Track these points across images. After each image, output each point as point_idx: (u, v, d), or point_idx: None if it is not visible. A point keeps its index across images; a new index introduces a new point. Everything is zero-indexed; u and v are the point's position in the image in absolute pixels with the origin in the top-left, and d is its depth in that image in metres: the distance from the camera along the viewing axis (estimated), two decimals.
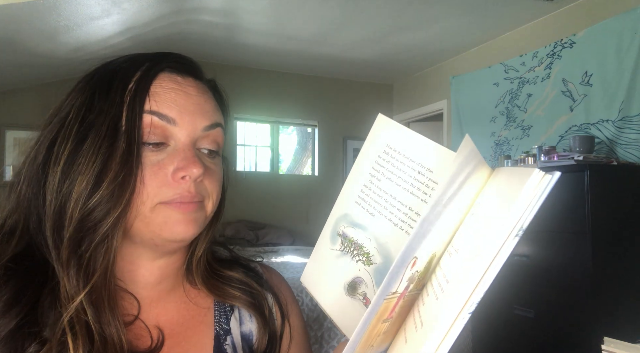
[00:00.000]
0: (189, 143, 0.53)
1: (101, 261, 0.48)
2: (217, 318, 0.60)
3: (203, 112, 0.54)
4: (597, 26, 3.07)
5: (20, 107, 3.91)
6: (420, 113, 4.99)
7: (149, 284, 0.56)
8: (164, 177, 0.50)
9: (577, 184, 2.35)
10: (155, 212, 0.50)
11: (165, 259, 0.57)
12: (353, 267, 0.49)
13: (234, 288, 0.61)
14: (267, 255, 3.55)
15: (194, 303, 0.60)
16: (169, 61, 0.55)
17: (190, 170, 0.50)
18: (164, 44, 3.93)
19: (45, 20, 2.84)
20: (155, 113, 0.51)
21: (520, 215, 0.32)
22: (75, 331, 0.45)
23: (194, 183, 0.52)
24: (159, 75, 0.53)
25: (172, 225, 0.51)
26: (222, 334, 0.59)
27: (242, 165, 4.94)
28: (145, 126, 0.50)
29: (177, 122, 0.52)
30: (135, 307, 0.55)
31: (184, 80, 0.55)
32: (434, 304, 0.36)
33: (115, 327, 0.48)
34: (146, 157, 0.50)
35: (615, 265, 2.33)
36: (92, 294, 0.47)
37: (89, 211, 0.47)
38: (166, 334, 0.55)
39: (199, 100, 0.55)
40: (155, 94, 0.52)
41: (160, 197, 0.50)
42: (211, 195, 0.55)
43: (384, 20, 3.58)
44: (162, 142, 0.51)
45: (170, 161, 0.51)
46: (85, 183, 0.48)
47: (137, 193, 0.49)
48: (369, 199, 0.48)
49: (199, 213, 0.53)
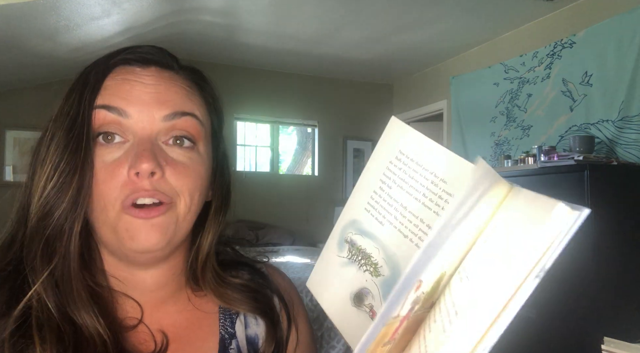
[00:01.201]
0: (145, 136, 0.49)
1: (61, 248, 0.48)
2: (222, 321, 0.59)
3: (162, 101, 0.50)
4: (597, 26, 3.07)
5: (20, 107, 3.91)
6: (420, 113, 4.99)
7: (147, 290, 0.55)
8: (121, 176, 0.48)
9: (577, 184, 2.35)
10: (119, 219, 0.48)
11: (156, 269, 0.55)
12: (360, 277, 0.47)
13: (241, 294, 0.59)
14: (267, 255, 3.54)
15: (198, 307, 0.58)
16: (128, 53, 0.53)
17: (139, 166, 0.46)
18: (164, 44, 3.89)
19: (45, 20, 2.84)
20: (104, 106, 0.49)
21: (541, 254, 0.29)
22: (43, 331, 0.45)
23: (152, 181, 0.47)
24: (115, 69, 0.51)
25: (133, 232, 0.48)
26: (227, 338, 0.58)
27: (242, 165, 4.94)
28: (99, 120, 0.49)
29: (128, 113, 0.49)
30: (137, 311, 0.54)
31: (143, 70, 0.52)
32: (440, 335, 0.33)
33: (90, 315, 0.47)
34: (100, 154, 0.49)
35: (615, 265, 2.33)
36: (56, 287, 0.47)
37: (44, 203, 0.48)
38: (170, 338, 0.54)
39: (158, 89, 0.51)
40: (107, 87, 0.50)
41: (121, 199, 0.48)
42: (181, 192, 0.50)
43: (384, 20, 3.58)
44: (121, 139, 0.49)
45: (125, 158, 0.48)
46: (45, 179, 0.48)
47: (96, 193, 0.48)
48: (378, 207, 0.45)
49: (165, 218, 0.49)
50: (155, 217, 0.48)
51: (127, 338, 0.52)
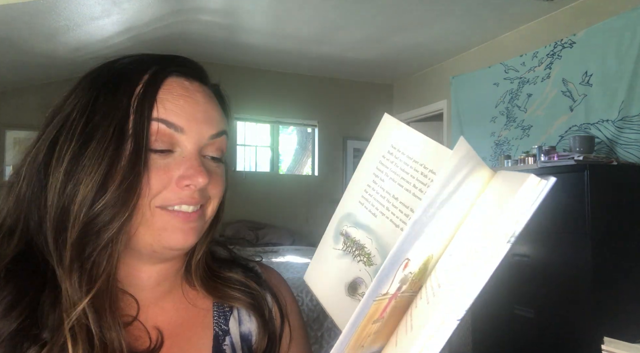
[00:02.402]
0: (195, 151, 0.52)
1: (104, 266, 0.48)
2: (216, 318, 0.60)
3: (210, 120, 0.54)
4: (597, 26, 3.07)
5: (20, 107, 3.91)
6: (420, 113, 4.99)
7: (147, 286, 0.56)
8: (168, 181, 0.50)
9: (577, 184, 2.35)
10: (155, 215, 0.50)
11: (163, 264, 0.57)
12: (354, 268, 0.49)
13: (233, 289, 0.61)
14: (267, 255, 3.55)
15: (193, 304, 0.60)
16: (177, 65, 0.55)
17: (196, 180, 0.50)
18: (164, 44, 3.94)
19: (45, 20, 2.84)
20: (164, 121, 0.50)
21: (513, 221, 0.31)
22: (76, 335, 0.45)
23: (199, 191, 0.52)
24: (167, 80, 0.53)
25: (171, 232, 0.51)
26: (220, 335, 0.59)
27: (242, 165, 4.94)
28: (153, 133, 0.50)
29: (185, 130, 0.51)
30: (134, 308, 0.54)
31: (191, 85, 0.54)
32: (424, 308, 0.35)
33: (116, 331, 0.48)
34: (153, 160, 0.50)
35: (615, 265, 2.33)
36: (94, 299, 0.47)
37: (94, 215, 0.47)
38: (165, 335, 0.55)
39: (206, 108, 0.54)
40: (164, 100, 0.51)
41: (162, 200, 0.50)
42: (213, 199, 0.55)
43: (384, 20, 3.58)
44: (169, 149, 0.51)
45: (176, 167, 0.51)
46: (91, 186, 0.47)
47: (142, 197, 0.49)
48: (372, 199, 0.47)
49: (198, 222, 0.53)
50: (192, 222, 0.52)
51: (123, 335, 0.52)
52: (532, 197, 0.31)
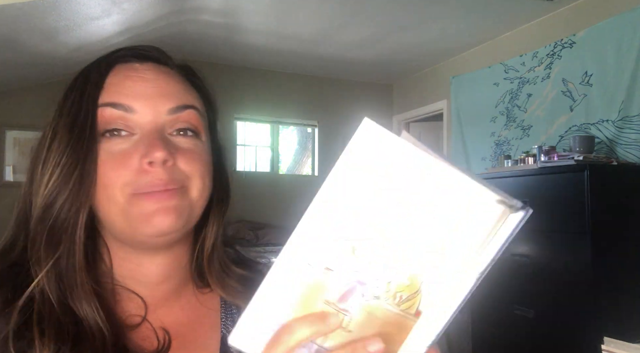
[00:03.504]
0: (153, 129, 0.51)
1: (65, 240, 0.48)
2: (224, 320, 0.59)
3: (165, 95, 0.52)
4: (597, 26, 3.07)
5: (20, 107, 3.91)
6: (420, 113, 4.99)
7: (152, 283, 0.56)
8: (132, 165, 0.49)
9: (577, 184, 2.35)
10: (131, 204, 0.49)
11: (163, 256, 0.56)
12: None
13: (243, 287, 0.60)
14: (267, 255, 3.55)
15: (200, 304, 0.59)
16: (127, 50, 0.55)
17: (152, 155, 0.48)
18: (164, 44, 3.89)
19: (45, 20, 2.84)
20: (109, 104, 0.50)
21: (488, 259, 0.29)
22: (43, 324, 0.45)
23: (165, 169, 0.49)
24: (115, 67, 0.53)
25: (148, 216, 0.49)
26: (228, 336, 0.58)
27: (242, 165, 4.94)
28: (104, 118, 0.50)
29: (134, 108, 0.50)
30: (141, 307, 0.54)
31: (142, 66, 0.54)
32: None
33: (89, 304, 0.47)
34: (105, 147, 0.50)
35: (615, 265, 2.33)
36: (59, 280, 0.48)
37: (47, 197, 0.49)
38: (172, 335, 0.55)
39: (159, 83, 0.53)
40: (110, 85, 0.51)
41: (132, 187, 0.49)
42: (192, 176, 0.52)
43: (384, 20, 3.58)
44: (127, 132, 0.51)
45: (135, 148, 0.50)
46: (48, 176, 0.49)
47: (100, 184, 0.49)
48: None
49: (179, 201, 0.50)
50: (168, 200, 0.50)
51: (129, 336, 0.52)
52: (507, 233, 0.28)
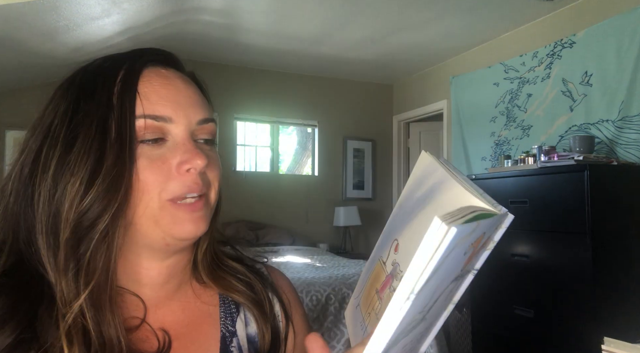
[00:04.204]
0: (187, 136, 0.53)
1: (102, 259, 0.47)
2: (223, 319, 0.59)
3: (195, 105, 0.54)
4: (597, 26, 3.07)
5: (20, 107, 3.90)
6: (420, 113, 4.99)
7: (156, 285, 0.56)
8: (168, 171, 0.50)
9: (577, 184, 2.35)
10: (164, 210, 0.50)
11: (174, 257, 0.57)
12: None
13: (237, 280, 0.61)
14: (267, 255, 3.54)
15: (200, 302, 0.59)
16: (151, 55, 0.55)
17: (194, 162, 0.51)
18: (164, 44, 3.90)
19: (45, 20, 2.84)
20: (151, 116, 0.50)
21: (415, 278, 0.28)
22: (72, 336, 0.44)
23: (199, 175, 0.52)
24: (144, 71, 0.53)
25: (182, 224, 0.51)
26: (228, 336, 0.58)
27: (242, 165, 4.94)
28: (141, 128, 0.50)
29: (173, 119, 0.52)
30: (141, 309, 0.54)
31: (168, 72, 0.55)
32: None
33: (115, 328, 0.47)
34: (144, 152, 0.50)
35: (615, 265, 2.33)
36: (92, 295, 0.46)
37: (84, 211, 0.47)
38: (172, 336, 0.55)
39: (189, 93, 0.55)
40: (146, 93, 0.51)
41: (171, 193, 0.50)
42: (213, 184, 0.55)
43: (384, 20, 3.58)
44: (160, 138, 0.51)
45: (172, 155, 0.51)
46: (79, 183, 0.47)
47: (136, 189, 0.49)
48: None
49: (205, 210, 0.53)
50: (199, 210, 0.52)
51: (130, 337, 0.52)
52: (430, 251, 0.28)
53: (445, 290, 0.37)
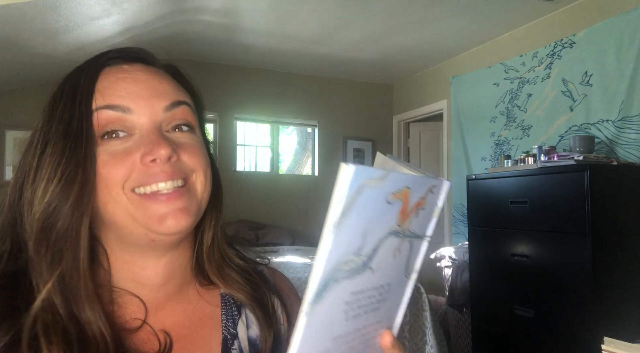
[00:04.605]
0: (153, 127, 0.52)
1: (69, 250, 0.48)
2: (225, 322, 0.59)
3: (159, 94, 0.53)
4: (597, 26, 3.07)
5: (20, 107, 3.90)
6: (420, 113, 4.99)
7: (155, 285, 0.56)
8: (132, 164, 0.50)
9: (577, 184, 2.35)
10: (135, 202, 0.50)
11: (170, 255, 0.56)
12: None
13: (242, 279, 0.61)
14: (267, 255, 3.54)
15: (202, 303, 0.59)
16: (114, 53, 0.55)
17: (157, 152, 0.50)
18: (164, 44, 3.93)
19: (45, 20, 2.84)
20: (107, 106, 0.50)
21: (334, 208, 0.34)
22: (50, 334, 0.45)
23: (169, 163, 0.51)
24: (104, 70, 0.53)
25: (160, 218, 0.50)
26: (229, 338, 0.58)
27: (242, 165, 4.94)
28: (101, 121, 0.50)
29: (132, 109, 0.51)
30: (142, 310, 0.54)
31: (131, 67, 0.54)
32: None
33: (97, 325, 0.47)
34: (106, 148, 0.50)
35: (615, 265, 2.33)
36: (65, 290, 0.47)
37: (47, 208, 0.48)
38: (173, 338, 0.54)
39: (152, 83, 0.53)
40: (102, 89, 0.51)
41: (133, 183, 0.50)
42: (196, 169, 0.54)
43: (384, 20, 3.58)
44: (126, 133, 0.51)
45: (136, 147, 0.50)
46: (44, 185, 0.49)
47: (101, 185, 0.49)
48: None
49: (187, 201, 0.52)
50: (176, 201, 0.51)
51: (130, 339, 0.52)
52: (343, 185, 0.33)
53: (386, 242, 0.39)
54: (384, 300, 0.42)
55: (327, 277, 0.34)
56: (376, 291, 0.41)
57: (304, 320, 0.34)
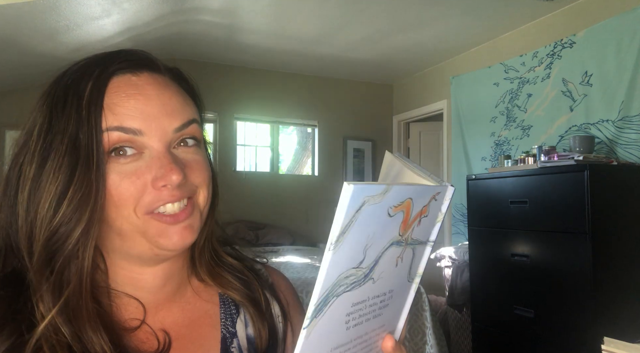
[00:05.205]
0: (163, 148, 0.51)
1: (74, 274, 0.47)
2: (223, 320, 0.59)
3: (169, 113, 0.52)
4: (597, 26, 3.07)
5: (20, 107, 3.89)
6: (420, 113, 4.99)
7: (154, 288, 0.56)
8: (144, 186, 0.49)
9: (577, 184, 2.35)
10: (147, 222, 0.50)
11: (167, 262, 0.56)
12: None
13: (235, 279, 0.61)
14: (267, 255, 3.55)
15: (200, 301, 0.59)
16: (119, 61, 0.52)
17: (169, 179, 0.49)
18: (164, 44, 3.93)
19: (45, 20, 2.84)
20: (118, 128, 0.49)
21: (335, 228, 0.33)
22: (55, 350, 0.44)
23: (178, 186, 0.50)
24: (111, 81, 0.51)
25: (166, 236, 0.50)
26: (228, 337, 0.58)
27: (242, 165, 4.94)
28: (110, 142, 0.49)
29: (143, 131, 0.50)
30: (140, 311, 0.54)
31: (139, 79, 0.52)
32: None
33: (100, 345, 0.47)
34: (116, 167, 0.49)
35: (615, 265, 2.33)
36: (67, 311, 0.46)
37: (55, 230, 0.47)
38: (173, 337, 0.55)
39: (162, 100, 0.52)
40: (112, 105, 0.49)
41: (146, 207, 0.49)
42: (200, 186, 0.54)
43: (384, 20, 3.58)
44: (135, 151, 0.50)
45: (147, 169, 0.50)
46: (49, 204, 0.47)
47: (111, 205, 0.48)
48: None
49: (192, 218, 0.52)
50: (184, 220, 0.51)
51: (129, 339, 0.52)
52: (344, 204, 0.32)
53: (388, 252, 0.38)
54: (386, 306, 0.42)
55: (327, 293, 0.34)
56: (378, 299, 0.41)
57: (304, 335, 0.34)
